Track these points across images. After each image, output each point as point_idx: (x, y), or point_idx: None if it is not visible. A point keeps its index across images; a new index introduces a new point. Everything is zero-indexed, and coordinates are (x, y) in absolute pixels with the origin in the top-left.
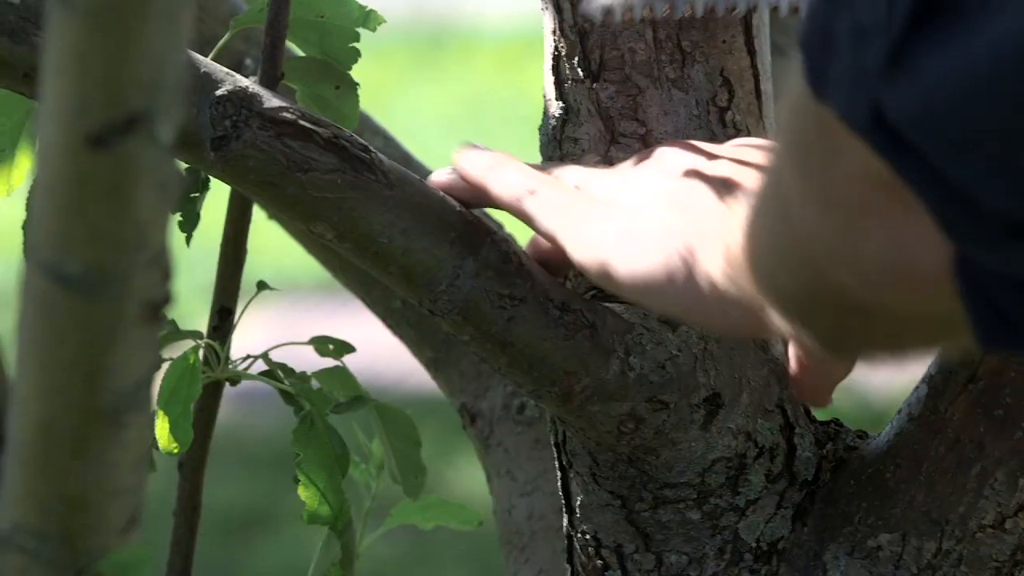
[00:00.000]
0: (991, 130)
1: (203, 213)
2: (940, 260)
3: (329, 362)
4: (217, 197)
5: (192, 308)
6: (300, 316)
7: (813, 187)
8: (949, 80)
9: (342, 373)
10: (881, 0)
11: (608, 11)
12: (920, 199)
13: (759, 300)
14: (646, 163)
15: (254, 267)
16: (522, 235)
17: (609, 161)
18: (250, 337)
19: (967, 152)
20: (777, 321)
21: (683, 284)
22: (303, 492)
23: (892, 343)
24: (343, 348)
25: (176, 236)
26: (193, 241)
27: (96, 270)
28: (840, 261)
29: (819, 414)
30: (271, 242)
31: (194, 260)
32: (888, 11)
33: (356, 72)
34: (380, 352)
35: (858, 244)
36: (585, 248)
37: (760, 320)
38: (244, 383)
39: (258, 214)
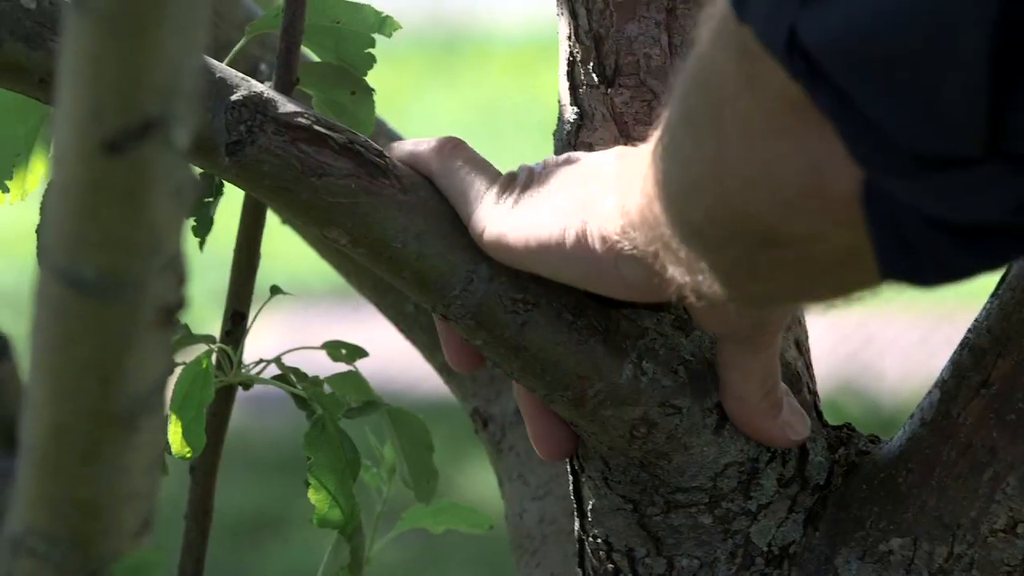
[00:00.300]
0: (902, 57)
1: (217, 218)
2: (851, 185)
3: (341, 367)
4: (231, 202)
5: (205, 313)
6: (312, 321)
7: (730, 112)
8: (862, 6)
9: (355, 378)
10: None
11: None
12: (833, 126)
13: (657, 257)
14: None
15: (266, 272)
16: None
17: None
18: (262, 342)
19: (878, 81)
20: (677, 275)
21: (577, 246)
22: (314, 496)
23: (799, 282)
24: (356, 353)
25: (189, 241)
26: (207, 246)
27: (110, 275)
28: (753, 186)
29: (831, 419)
30: (283, 247)
31: (207, 265)
32: None
33: (371, 78)
34: (392, 357)
35: (772, 168)
36: (482, 220)
37: (658, 278)
38: (253, 387)
39: (271, 219)
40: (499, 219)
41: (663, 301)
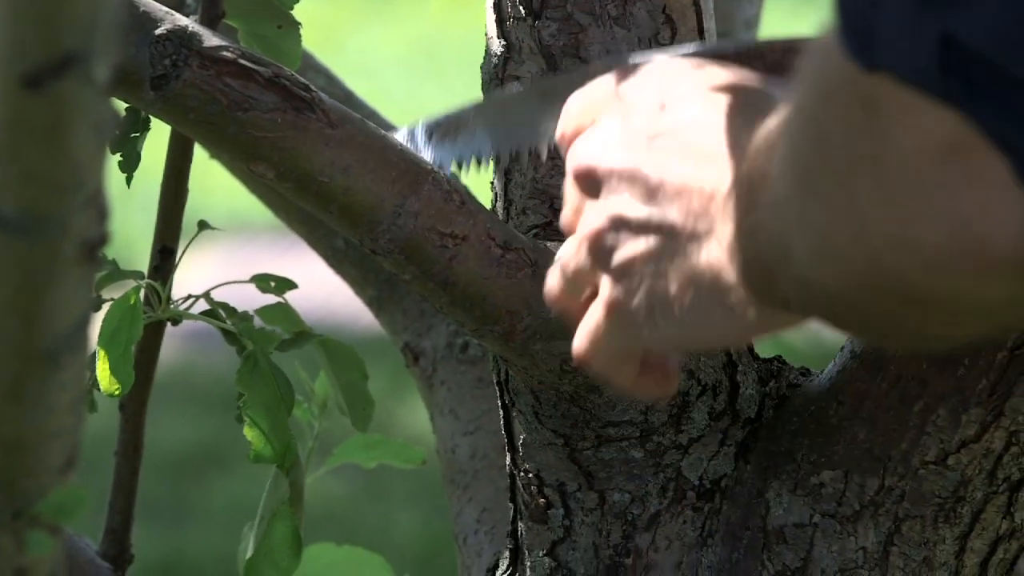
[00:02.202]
0: None
1: (151, 153)
2: (1012, 233)
3: (273, 299)
4: (163, 136)
5: (138, 249)
6: (253, 256)
7: (866, 173)
8: None
9: (284, 309)
10: None
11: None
12: (1000, 145)
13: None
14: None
15: (206, 206)
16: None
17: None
18: (200, 276)
19: None
20: (774, 319)
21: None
22: (248, 431)
23: (948, 330)
24: (285, 285)
25: (118, 176)
26: (142, 181)
27: (31, 212)
28: (899, 250)
29: (764, 351)
30: (222, 181)
31: (141, 201)
32: None
33: (308, 12)
34: (334, 291)
35: (921, 225)
36: None
37: (753, 318)
38: (196, 323)
39: (204, 153)
40: None
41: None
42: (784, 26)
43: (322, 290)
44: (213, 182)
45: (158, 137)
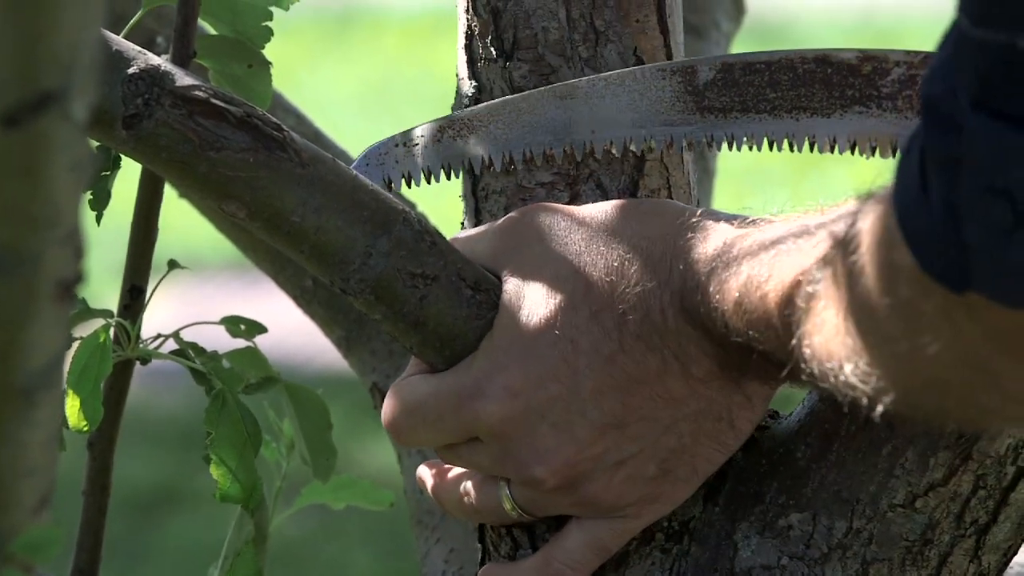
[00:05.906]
0: None
1: (117, 191)
2: None
3: (240, 342)
4: (131, 175)
5: (103, 287)
6: (209, 295)
7: (943, 358)
8: None
9: (253, 354)
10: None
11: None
12: None
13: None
14: None
15: (162, 245)
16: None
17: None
18: (158, 316)
19: None
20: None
21: None
22: (215, 471)
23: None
24: (255, 328)
25: (87, 214)
26: (107, 219)
27: (8, 249)
28: (975, 401)
29: None
30: (179, 220)
31: (108, 238)
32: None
33: (264, 50)
34: (291, 330)
35: (997, 388)
36: None
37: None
38: (151, 361)
39: (168, 192)
40: None
41: None
42: None
43: (278, 331)
44: (169, 220)
45: (123, 175)
